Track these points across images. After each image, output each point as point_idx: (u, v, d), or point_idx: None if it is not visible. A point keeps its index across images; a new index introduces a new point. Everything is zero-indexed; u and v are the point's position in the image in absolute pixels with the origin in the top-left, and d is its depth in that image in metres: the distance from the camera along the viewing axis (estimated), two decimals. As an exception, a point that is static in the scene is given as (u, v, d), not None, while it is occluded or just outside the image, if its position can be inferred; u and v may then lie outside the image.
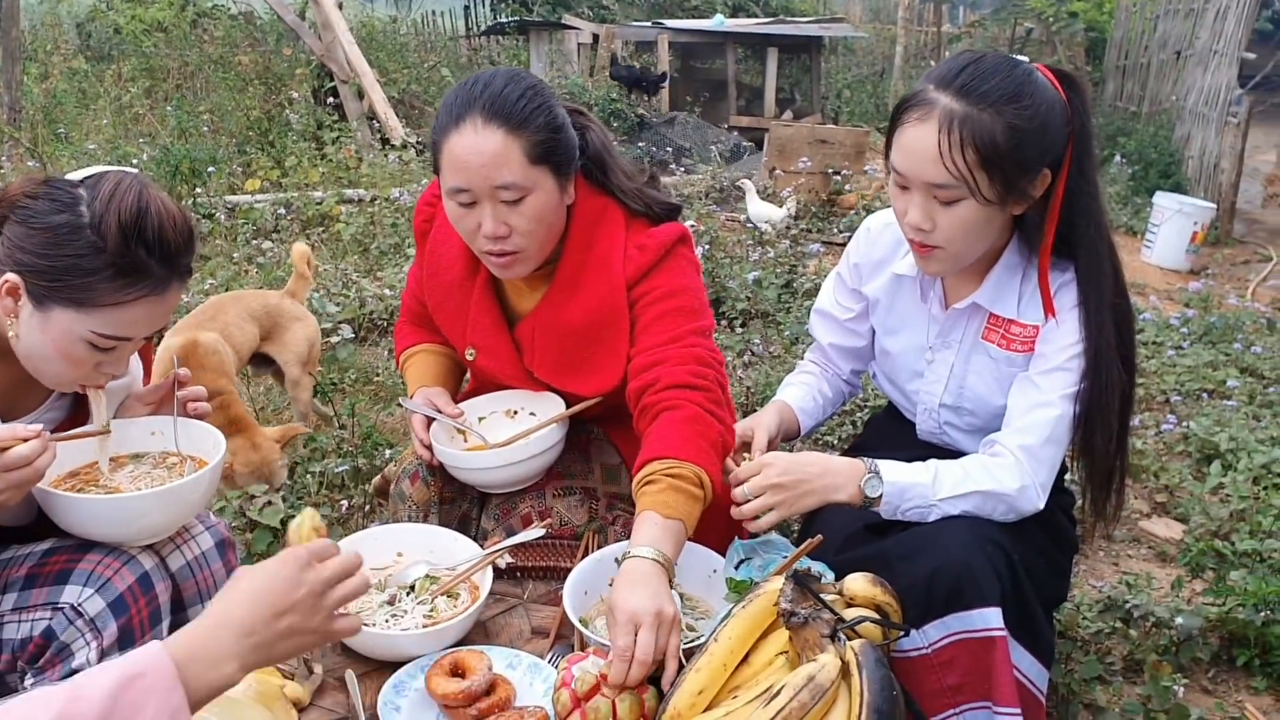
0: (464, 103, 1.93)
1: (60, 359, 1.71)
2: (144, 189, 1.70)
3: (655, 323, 2.08)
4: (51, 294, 1.67)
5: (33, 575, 1.80)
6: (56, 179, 1.72)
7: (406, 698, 1.76)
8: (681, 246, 2.13)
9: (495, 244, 1.98)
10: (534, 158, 1.93)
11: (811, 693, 1.47)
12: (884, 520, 1.97)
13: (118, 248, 1.65)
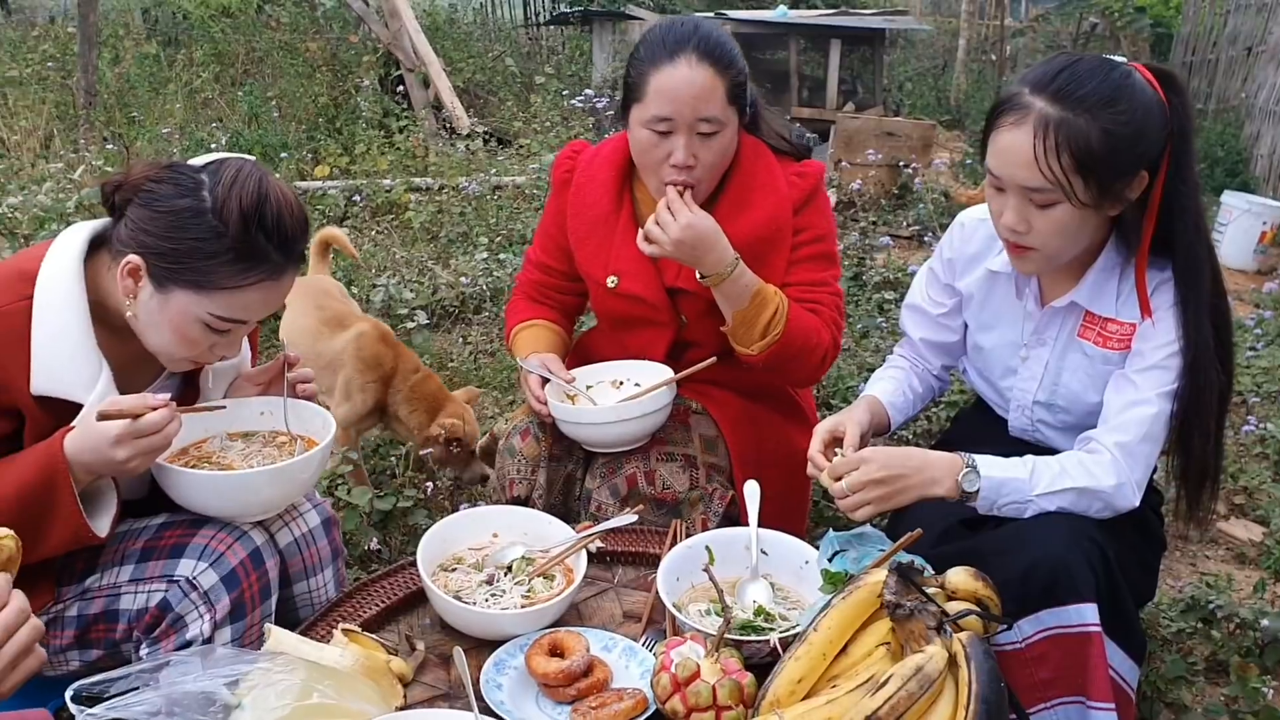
0: (678, 39, 2.16)
1: (177, 339, 1.77)
2: (264, 177, 1.75)
3: (810, 260, 2.36)
4: (172, 276, 1.72)
5: (149, 548, 1.86)
6: (180, 164, 1.78)
7: (507, 675, 1.80)
8: (824, 184, 2.41)
9: (680, 173, 2.19)
10: (731, 97, 2.19)
11: (919, 683, 1.48)
12: (979, 515, 1.98)
13: (238, 233, 1.70)
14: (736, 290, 2.22)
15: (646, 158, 2.24)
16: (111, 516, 1.81)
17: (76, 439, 1.69)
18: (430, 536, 2.02)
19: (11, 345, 1.72)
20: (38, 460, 1.70)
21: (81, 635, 1.86)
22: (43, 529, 1.73)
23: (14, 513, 1.69)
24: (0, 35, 10.28)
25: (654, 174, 2.24)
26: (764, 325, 2.24)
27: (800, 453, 2.43)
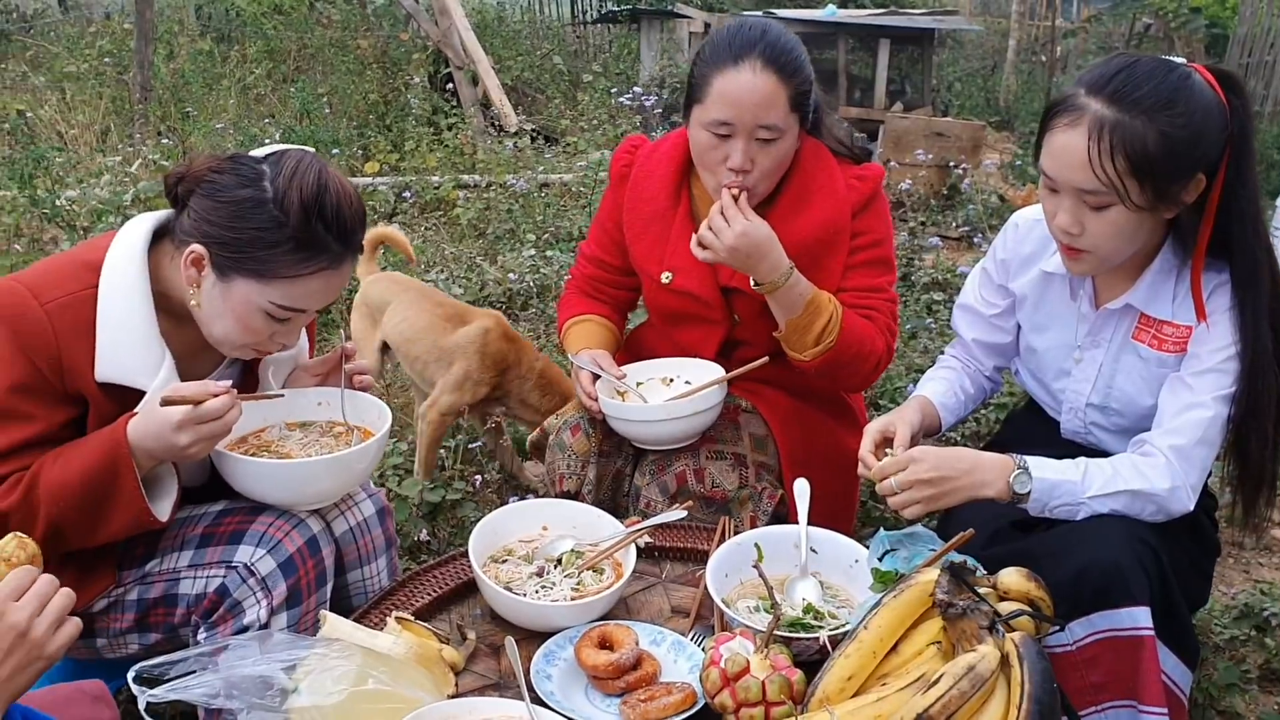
0: (744, 44, 2.14)
1: (239, 327, 1.80)
2: (323, 168, 1.78)
3: (866, 265, 2.36)
4: (235, 265, 1.75)
5: (208, 534, 1.90)
6: (241, 155, 1.81)
7: (556, 667, 1.82)
8: (882, 188, 2.41)
9: (736, 177, 2.19)
10: (793, 105, 2.18)
11: (971, 682, 1.48)
12: (1030, 517, 1.97)
13: (299, 223, 1.73)
14: (790, 299, 2.22)
15: (704, 158, 2.24)
16: (172, 501, 1.84)
17: (139, 424, 1.73)
18: (481, 528, 2.04)
19: (77, 333, 1.76)
20: (101, 445, 1.74)
21: (141, 619, 1.90)
22: (105, 513, 1.77)
23: (77, 496, 1.74)
24: (59, 31, 10.46)
25: (711, 174, 2.25)
26: (817, 333, 2.24)
27: (850, 453, 2.44)
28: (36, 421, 1.76)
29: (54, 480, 1.74)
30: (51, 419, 1.78)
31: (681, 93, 7.89)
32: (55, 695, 1.66)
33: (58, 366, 1.75)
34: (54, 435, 1.79)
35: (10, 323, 1.73)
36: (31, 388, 1.75)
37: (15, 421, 1.75)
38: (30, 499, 1.74)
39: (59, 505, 1.74)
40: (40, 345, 1.73)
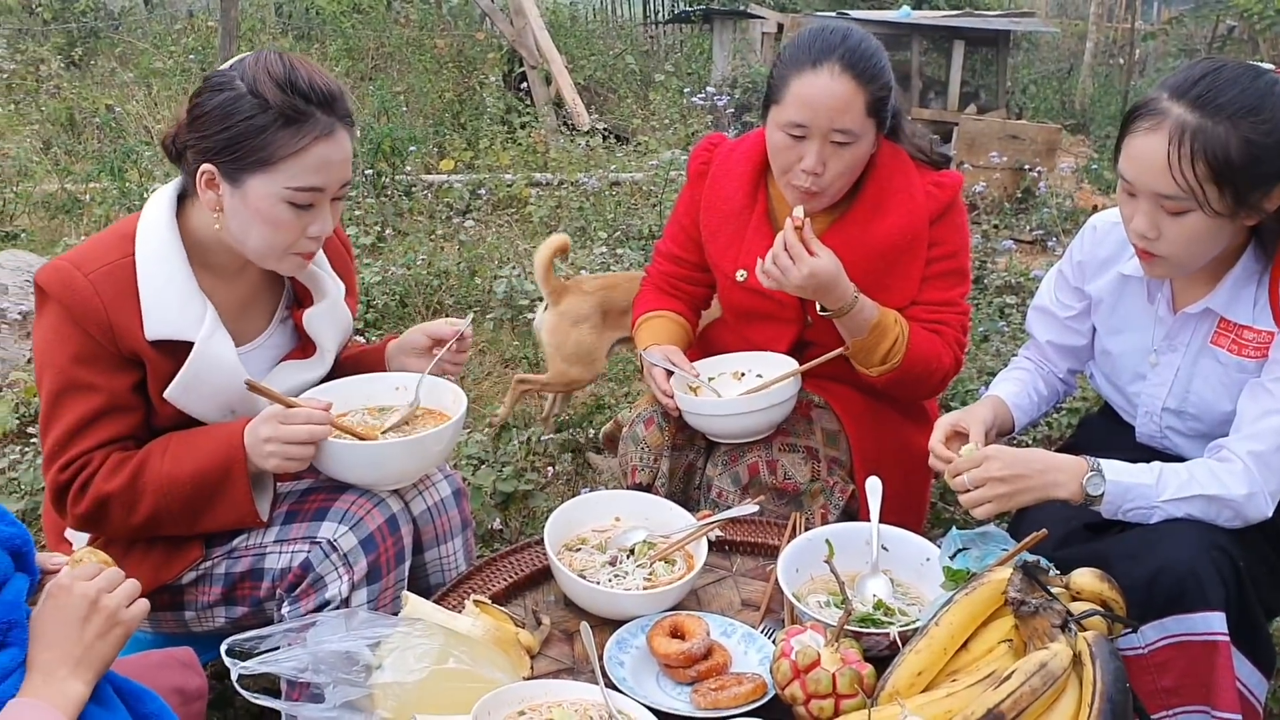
0: (823, 48, 2.17)
1: (269, 228, 1.87)
2: (284, 54, 1.87)
3: (941, 277, 2.37)
4: (239, 166, 1.82)
5: (293, 511, 1.97)
6: (210, 73, 1.90)
7: (629, 654, 1.85)
8: (961, 197, 2.42)
9: (808, 179, 2.21)
10: (870, 110, 2.19)
11: (1043, 679, 1.49)
12: (1103, 519, 1.96)
13: (278, 99, 1.80)
14: (856, 323, 2.26)
15: (779, 158, 2.27)
16: (270, 501, 1.94)
17: (250, 435, 1.85)
18: (556, 517, 2.08)
19: (123, 297, 1.85)
20: (217, 447, 1.85)
21: (228, 592, 1.97)
22: (211, 509, 1.87)
23: (186, 492, 1.84)
24: (146, 29, 10.73)
25: (784, 174, 2.28)
26: (883, 354, 2.27)
27: (921, 452, 2.44)
28: (101, 391, 1.86)
29: (163, 472, 1.84)
30: (114, 386, 1.87)
31: (753, 93, 7.88)
32: (147, 661, 1.74)
33: (110, 332, 1.84)
34: (121, 403, 1.88)
35: (60, 298, 1.83)
36: (90, 357, 1.84)
37: (83, 393, 1.85)
38: (136, 485, 1.83)
39: (165, 497, 1.84)
40: (90, 314, 1.82)
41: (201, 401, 1.92)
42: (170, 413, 1.92)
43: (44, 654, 1.32)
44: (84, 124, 7.54)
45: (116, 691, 1.40)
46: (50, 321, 1.86)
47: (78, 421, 1.85)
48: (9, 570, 1.34)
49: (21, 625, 1.32)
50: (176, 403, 1.90)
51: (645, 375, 2.45)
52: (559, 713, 1.60)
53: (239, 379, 1.90)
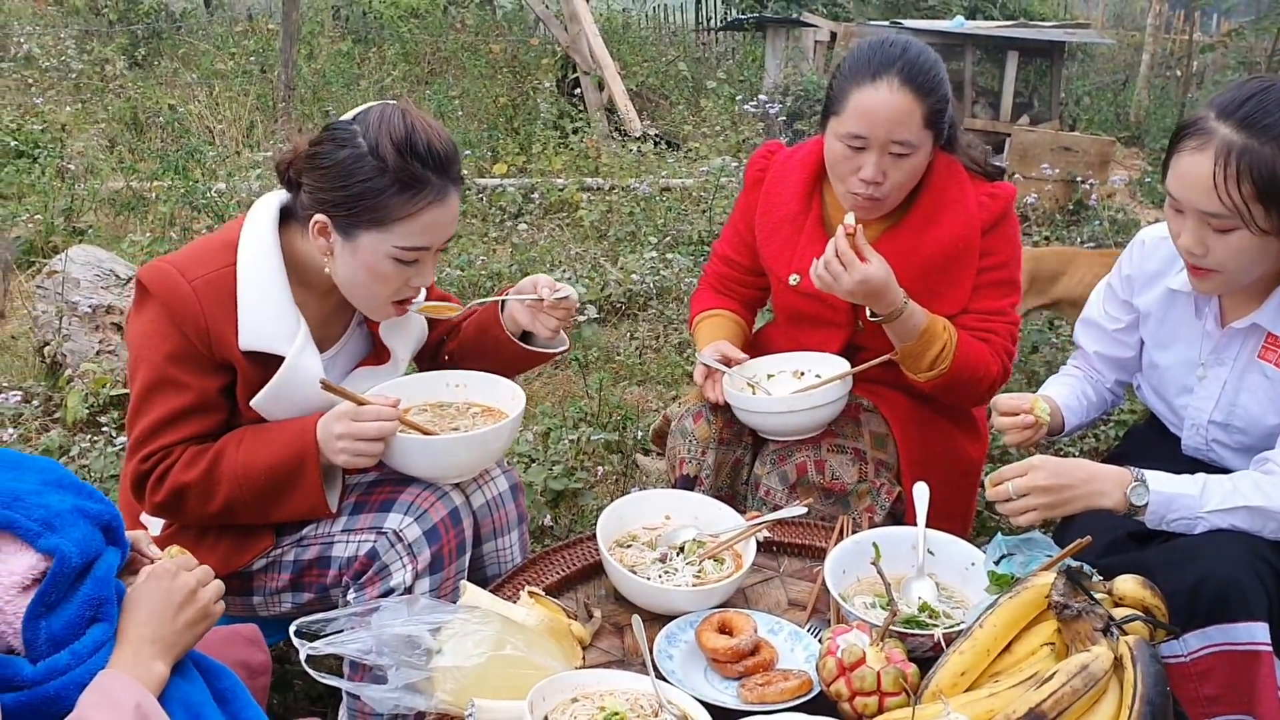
0: (883, 61, 2.21)
1: (374, 279, 1.96)
2: (405, 111, 1.94)
3: (991, 286, 2.41)
4: (354, 221, 1.91)
5: (360, 503, 2.05)
6: (333, 123, 1.98)
7: (678, 648, 1.90)
8: (1013, 207, 2.46)
9: (867, 188, 2.26)
10: (927, 122, 2.23)
11: (1084, 680, 1.53)
12: (1147, 529, 1.99)
13: (397, 164, 1.88)
14: (905, 329, 2.29)
15: (837, 168, 2.32)
16: (339, 493, 2.03)
17: (322, 428, 1.93)
18: (608, 513, 2.14)
19: (222, 307, 1.93)
20: (291, 440, 1.93)
21: (296, 579, 2.05)
22: (283, 500, 1.96)
23: (261, 484, 1.93)
24: (207, 30, 10.96)
25: (842, 183, 2.32)
26: (931, 359, 2.31)
27: (969, 459, 2.50)
28: (190, 390, 1.94)
29: (239, 464, 1.93)
30: (204, 386, 1.96)
31: (805, 100, 7.88)
32: (215, 635, 1.81)
33: (206, 337, 1.92)
34: (208, 403, 1.97)
35: (162, 298, 1.92)
36: (184, 357, 1.93)
37: (173, 390, 1.94)
38: (212, 477, 1.93)
39: (241, 488, 1.92)
40: (190, 318, 1.91)
41: (284, 412, 2.00)
42: (253, 417, 2.00)
43: (137, 630, 1.40)
44: (147, 123, 7.73)
45: (194, 665, 1.48)
46: (150, 318, 1.95)
47: (165, 416, 1.94)
48: (101, 545, 1.42)
49: (111, 601, 1.40)
50: (261, 411, 1.99)
51: (697, 373, 2.51)
52: (611, 701, 1.66)
53: (322, 393, 1.98)
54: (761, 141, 7.67)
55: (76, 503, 1.44)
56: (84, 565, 1.37)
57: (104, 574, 1.40)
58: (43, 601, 1.33)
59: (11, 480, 1.43)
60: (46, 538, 1.37)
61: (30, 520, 1.38)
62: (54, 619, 1.34)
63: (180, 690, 1.38)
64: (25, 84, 8.02)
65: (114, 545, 1.46)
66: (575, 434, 3.36)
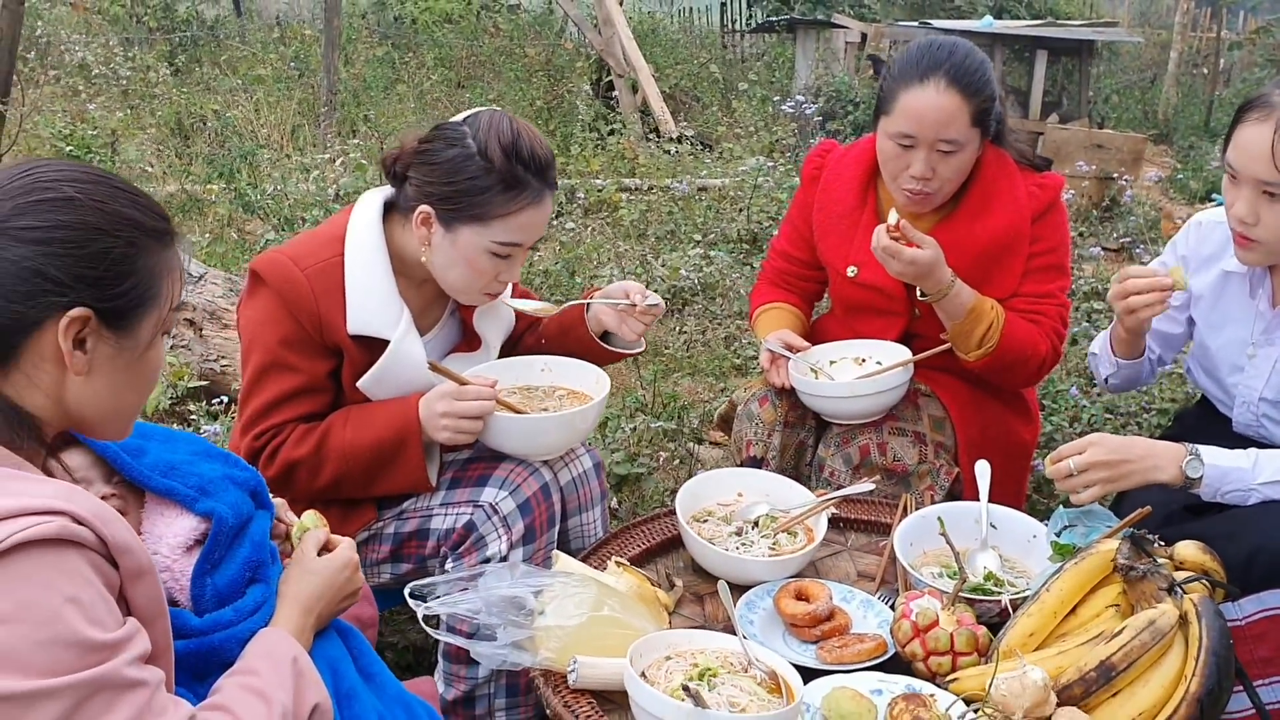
0: (930, 63, 2.33)
1: (470, 271, 2.10)
2: (513, 119, 2.08)
3: (1040, 271, 2.52)
4: (457, 215, 2.05)
5: (457, 478, 2.18)
6: (443, 123, 2.12)
7: (757, 614, 2.02)
8: (1061, 197, 2.57)
9: (918, 184, 2.38)
10: (974, 120, 2.35)
11: (1152, 634, 1.64)
12: (1202, 503, 2.09)
13: (503, 166, 2.01)
14: (953, 307, 2.41)
15: (889, 165, 2.44)
16: (438, 468, 2.16)
17: (424, 407, 2.07)
18: (684, 491, 2.26)
19: (331, 294, 2.07)
20: (394, 418, 2.07)
21: (396, 551, 2.18)
22: (387, 475, 2.10)
23: (366, 459, 2.07)
24: (248, 36, 11.14)
25: (894, 180, 2.44)
26: (979, 338, 2.42)
27: (1022, 442, 2.61)
28: (301, 373, 2.08)
29: (346, 441, 2.07)
30: (313, 370, 2.09)
31: (837, 101, 7.98)
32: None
33: (317, 322, 2.06)
34: (316, 385, 2.11)
35: (276, 286, 2.06)
36: (296, 341, 2.07)
37: (285, 372, 2.08)
38: (320, 453, 2.06)
39: (347, 464, 2.06)
40: (303, 304, 2.05)
41: (387, 392, 2.13)
42: (358, 398, 2.14)
43: (307, 601, 1.54)
44: (191, 129, 7.90)
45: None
46: (263, 304, 2.09)
47: (278, 396, 2.08)
48: (251, 508, 1.55)
49: (267, 564, 1.53)
50: (366, 392, 2.12)
51: (762, 360, 2.62)
52: (703, 658, 1.78)
53: (424, 376, 2.12)
54: (795, 142, 7.79)
55: (225, 471, 1.57)
56: (239, 526, 1.50)
57: (259, 537, 1.53)
58: (208, 559, 1.46)
59: (166, 452, 1.56)
60: (203, 502, 1.50)
61: (187, 487, 1.51)
62: (218, 576, 1.47)
63: (322, 648, 1.51)
64: (73, 91, 8.21)
65: (262, 509, 1.59)
66: (633, 423, 3.48)
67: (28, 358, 1.26)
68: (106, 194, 1.30)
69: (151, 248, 1.33)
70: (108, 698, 1.14)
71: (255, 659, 1.40)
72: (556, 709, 1.75)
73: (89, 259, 1.26)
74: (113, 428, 1.39)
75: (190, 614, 1.44)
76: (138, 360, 1.34)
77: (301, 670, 1.41)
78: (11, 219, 1.24)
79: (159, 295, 1.34)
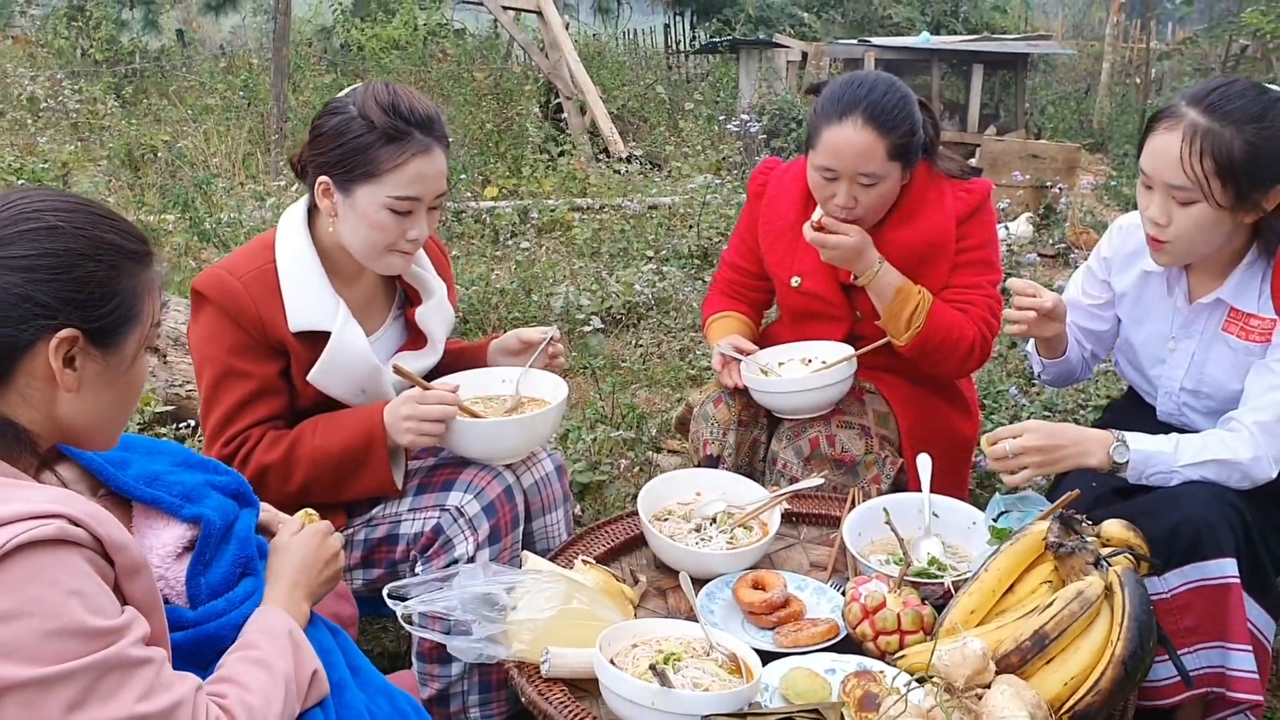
0: (850, 102, 2.46)
1: (372, 230, 2.18)
2: (390, 83, 2.20)
3: (967, 266, 2.67)
4: (349, 176, 2.14)
5: (423, 484, 2.28)
6: (329, 101, 2.23)
7: (717, 604, 2.14)
8: (989, 200, 2.71)
9: (842, 211, 2.52)
10: (891, 154, 2.47)
11: (1080, 604, 1.77)
12: (1129, 485, 2.24)
13: (382, 121, 2.11)
14: (881, 287, 2.57)
15: (817, 193, 2.58)
16: (404, 472, 2.26)
17: (389, 412, 2.17)
18: (645, 492, 2.37)
19: (269, 296, 2.18)
20: (360, 425, 2.17)
21: (367, 556, 2.27)
22: (354, 480, 2.19)
23: (334, 464, 2.17)
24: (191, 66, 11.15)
25: (823, 206, 2.58)
26: (907, 318, 2.57)
27: (962, 436, 2.75)
28: (253, 377, 2.18)
29: (315, 447, 2.16)
30: (264, 373, 2.19)
31: (780, 119, 8.19)
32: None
33: (260, 326, 2.16)
34: (270, 386, 2.21)
35: (217, 299, 2.16)
36: (242, 348, 2.17)
37: (238, 379, 2.18)
38: (290, 459, 2.15)
39: (317, 468, 2.16)
40: (244, 311, 2.15)
41: (339, 383, 2.23)
42: (311, 394, 2.23)
43: (291, 575, 1.63)
44: (141, 159, 7.92)
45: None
46: (208, 320, 2.19)
47: (236, 403, 2.17)
48: (235, 510, 1.64)
49: (255, 558, 1.62)
50: (317, 384, 2.21)
51: (714, 363, 2.75)
52: (667, 644, 1.89)
53: (369, 361, 2.23)
54: (741, 159, 7.96)
55: (206, 477, 1.66)
56: (226, 527, 1.59)
57: (245, 534, 1.62)
58: (199, 561, 1.55)
59: (149, 463, 1.65)
60: (188, 508, 1.59)
61: (171, 495, 1.60)
62: (211, 575, 1.56)
63: (312, 636, 1.60)
64: (20, 124, 8.21)
65: (247, 507, 1.68)
66: (593, 433, 3.59)
67: (21, 377, 1.35)
68: (88, 220, 1.39)
69: (132, 269, 1.42)
70: (119, 676, 1.23)
71: (253, 634, 1.49)
72: (531, 697, 1.84)
73: (74, 283, 1.35)
74: (101, 439, 1.48)
75: (184, 608, 1.53)
76: (123, 375, 1.44)
77: (298, 641, 1.51)
78: (0, 248, 1.33)
79: (141, 313, 1.44)
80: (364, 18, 12.62)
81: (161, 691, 1.27)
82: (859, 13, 13.80)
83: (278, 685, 1.43)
